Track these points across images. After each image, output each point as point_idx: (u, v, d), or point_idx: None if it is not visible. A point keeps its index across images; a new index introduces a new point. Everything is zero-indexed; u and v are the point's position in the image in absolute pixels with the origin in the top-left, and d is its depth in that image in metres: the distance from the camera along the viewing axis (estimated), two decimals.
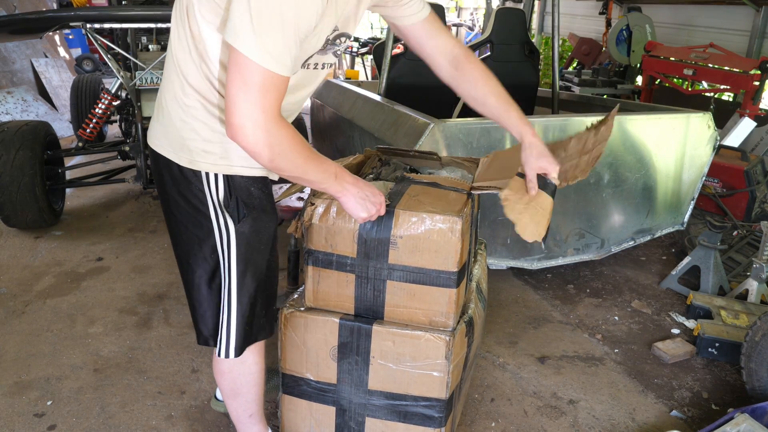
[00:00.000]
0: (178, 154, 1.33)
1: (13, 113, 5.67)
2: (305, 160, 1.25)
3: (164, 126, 1.35)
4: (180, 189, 1.36)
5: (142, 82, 3.55)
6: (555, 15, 3.62)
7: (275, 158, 1.19)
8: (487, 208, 2.68)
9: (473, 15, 12.40)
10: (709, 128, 3.17)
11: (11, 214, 3.37)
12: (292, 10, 1.09)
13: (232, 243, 1.37)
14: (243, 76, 1.11)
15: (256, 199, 1.38)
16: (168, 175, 1.37)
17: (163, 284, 2.95)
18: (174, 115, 1.32)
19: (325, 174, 1.32)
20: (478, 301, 1.85)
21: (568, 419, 2.07)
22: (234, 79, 1.12)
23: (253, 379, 1.58)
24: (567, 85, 6.08)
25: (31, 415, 2.00)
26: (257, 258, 1.42)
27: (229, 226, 1.36)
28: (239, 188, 1.35)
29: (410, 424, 1.64)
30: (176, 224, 1.41)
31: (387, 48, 3.24)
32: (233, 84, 1.12)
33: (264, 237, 1.42)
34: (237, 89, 1.12)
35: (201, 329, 1.48)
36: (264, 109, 1.13)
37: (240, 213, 1.36)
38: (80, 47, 8.80)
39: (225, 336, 1.44)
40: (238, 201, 1.35)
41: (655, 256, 3.49)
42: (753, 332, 2.11)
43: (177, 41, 1.30)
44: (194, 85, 1.28)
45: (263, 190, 1.40)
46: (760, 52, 5.40)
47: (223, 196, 1.34)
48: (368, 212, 1.43)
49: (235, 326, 1.43)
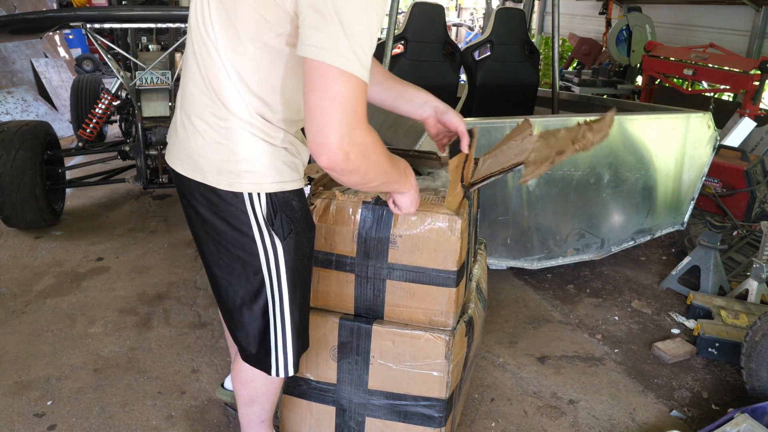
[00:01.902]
0: (216, 178, 1.25)
1: (13, 113, 5.67)
2: (389, 165, 1.21)
3: (194, 149, 1.27)
4: (218, 212, 1.29)
5: (142, 82, 3.54)
6: (555, 15, 3.62)
7: (370, 170, 1.13)
8: (487, 208, 2.68)
9: (473, 15, 12.41)
10: (709, 128, 3.17)
11: (11, 214, 3.37)
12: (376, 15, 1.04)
13: (281, 260, 1.32)
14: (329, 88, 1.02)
15: (298, 212, 1.33)
16: (202, 198, 1.30)
17: (163, 284, 2.95)
18: (207, 138, 1.24)
19: (400, 173, 1.30)
20: (477, 301, 1.85)
21: (568, 419, 2.07)
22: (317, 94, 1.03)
23: (273, 389, 1.56)
24: (567, 85, 6.08)
25: (31, 415, 2.00)
26: (303, 271, 1.39)
27: (276, 243, 1.31)
28: (282, 204, 1.30)
29: (410, 423, 1.64)
30: (215, 246, 1.34)
31: (387, 48, 3.24)
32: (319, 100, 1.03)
33: (308, 250, 1.40)
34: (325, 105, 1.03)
35: (246, 348, 1.43)
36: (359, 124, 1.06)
37: (285, 229, 1.31)
38: (80, 47, 8.79)
39: (282, 354, 1.41)
40: (282, 218, 1.30)
41: (655, 256, 3.49)
42: (753, 332, 2.11)
43: (207, 58, 1.20)
44: (232, 107, 1.20)
45: (302, 202, 1.36)
46: (760, 52, 5.40)
47: (267, 214, 1.28)
48: (414, 206, 1.42)
49: (291, 342, 1.40)
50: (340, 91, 1.02)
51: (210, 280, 1.42)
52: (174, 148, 1.35)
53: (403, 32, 3.41)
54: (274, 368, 1.42)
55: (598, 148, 2.88)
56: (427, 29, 3.45)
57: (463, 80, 4.19)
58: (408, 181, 1.36)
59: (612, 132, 3.09)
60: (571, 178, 2.85)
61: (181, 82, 1.34)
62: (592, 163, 2.88)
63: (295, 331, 1.40)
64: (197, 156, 1.27)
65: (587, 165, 2.87)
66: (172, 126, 1.39)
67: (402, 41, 3.44)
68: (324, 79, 1.02)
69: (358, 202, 1.54)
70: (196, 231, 1.38)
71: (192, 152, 1.28)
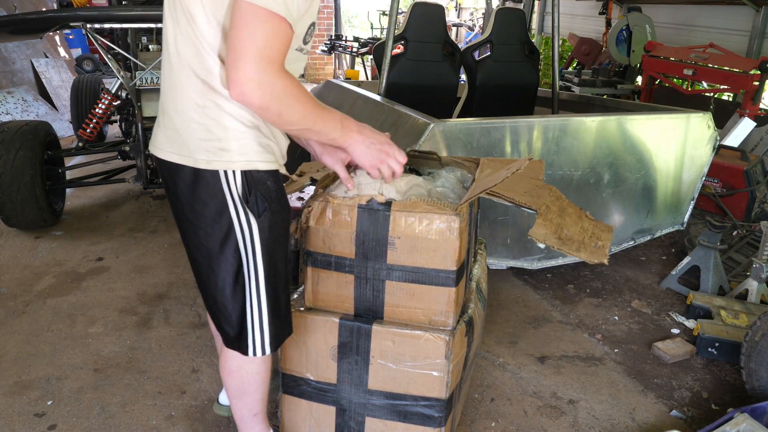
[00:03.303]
0: (194, 158, 1.32)
1: (14, 113, 5.68)
2: (312, 110, 1.28)
3: (174, 132, 1.34)
4: (196, 193, 1.35)
5: (142, 82, 3.55)
6: (555, 15, 3.62)
7: (284, 111, 1.21)
8: (487, 208, 2.68)
9: (473, 15, 12.41)
10: (709, 128, 3.17)
11: (11, 214, 3.38)
12: None
13: (256, 238, 1.38)
14: (252, 27, 1.13)
15: (273, 192, 1.39)
16: (181, 181, 1.36)
17: (163, 284, 2.95)
18: (188, 118, 1.31)
19: (332, 122, 1.36)
20: (477, 301, 1.85)
21: (568, 419, 2.07)
22: (240, 32, 1.13)
23: (261, 379, 1.58)
24: (567, 85, 6.07)
25: (31, 415, 2.00)
26: (279, 250, 1.44)
27: (251, 221, 1.36)
28: (257, 182, 1.36)
29: (410, 423, 1.64)
30: (194, 230, 1.40)
31: (387, 48, 3.24)
32: (239, 38, 1.13)
33: (282, 231, 1.44)
34: (244, 42, 1.13)
35: (227, 331, 1.47)
36: (271, 60, 1.15)
37: (260, 207, 1.37)
38: (80, 47, 8.80)
39: (258, 333, 1.45)
40: (257, 195, 1.36)
41: (655, 256, 3.49)
42: (753, 332, 2.11)
43: (183, 43, 1.28)
44: (209, 83, 1.28)
45: (278, 183, 1.41)
46: (760, 52, 5.39)
47: (242, 191, 1.34)
48: (378, 161, 1.45)
49: (267, 320, 1.44)
50: (261, 30, 1.13)
51: (192, 267, 1.47)
52: (156, 137, 1.42)
53: (403, 32, 3.41)
54: (251, 348, 1.45)
55: (598, 148, 2.88)
56: (427, 29, 3.45)
57: (463, 80, 4.19)
58: (346, 133, 1.40)
59: (612, 132, 3.11)
60: (571, 178, 2.86)
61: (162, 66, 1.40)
62: (592, 163, 2.88)
63: (270, 309, 1.44)
64: (176, 137, 1.34)
65: (587, 165, 2.87)
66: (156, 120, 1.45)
67: (402, 41, 3.44)
68: (247, 18, 1.13)
69: (354, 205, 1.54)
70: (179, 216, 1.43)
71: (172, 134, 1.35)
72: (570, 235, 1.51)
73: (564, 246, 1.45)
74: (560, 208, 1.60)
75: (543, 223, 1.47)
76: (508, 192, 1.52)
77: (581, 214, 1.65)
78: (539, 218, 1.48)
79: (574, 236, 1.51)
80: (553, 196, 1.63)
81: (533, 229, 1.44)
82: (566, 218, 1.57)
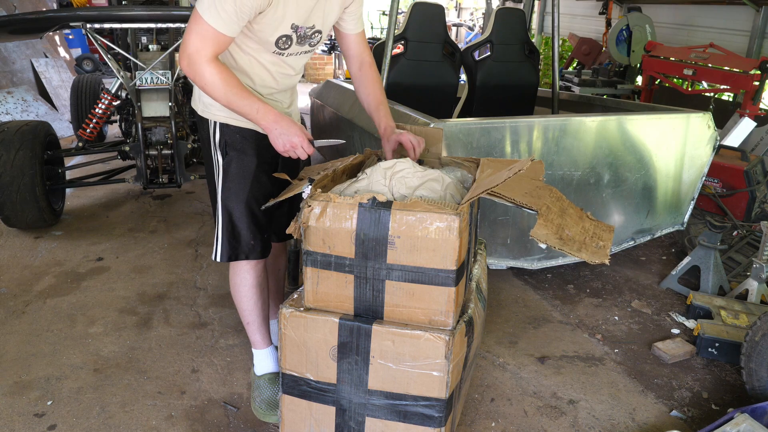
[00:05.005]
0: (200, 107, 1.88)
1: (13, 113, 5.68)
2: (233, 94, 1.65)
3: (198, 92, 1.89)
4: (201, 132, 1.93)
5: (142, 82, 3.55)
6: (555, 15, 3.62)
7: (206, 88, 1.65)
8: (487, 208, 2.69)
9: (473, 15, 12.41)
10: (709, 128, 3.17)
11: (11, 214, 3.37)
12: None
13: (220, 172, 1.88)
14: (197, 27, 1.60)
15: (239, 143, 1.85)
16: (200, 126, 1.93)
17: (163, 284, 2.95)
18: None
19: (248, 108, 1.67)
20: (477, 301, 1.85)
21: (568, 419, 2.07)
22: (191, 27, 1.61)
23: (244, 292, 1.96)
24: (567, 85, 6.08)
25: (31, 415, 2.00)
26: (236, 187, 1.86)
27: (219, 160, 1.87)
28: (228, 134, 1.85)
29: (410, 423, 1.64)
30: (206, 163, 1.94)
31: (387, 48, 3.24)
32: (189, 31, 1.61)
33: (243, 172, 1.86)
34: (190, 34, 1.61)
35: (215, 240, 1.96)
36: (201, 52, 1.60)
37: (228, 150, 1.85)
38: (80, 47, 8.80)
39: (219, 241, 1.91)
40: (226, 143, 1.85)
41: (655, 256, 3.49)
42: (753, 332, 2.11)
43: None
44: None
45: (247, 138, 1.86)
46: (760, 52, 5.40)
47: (219, 138, 1.86)
48: (285, 148, 1.73)
49: (221, 236, 1.90)
50: (196, 30, 1.60)
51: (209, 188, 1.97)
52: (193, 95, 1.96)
53: (403, 32, 3.42)
54: (213, 253, 1.93)
55: (598, 148, 2.88)
56: (427, 29, 3.45)
57: (463, 80, 4.19)
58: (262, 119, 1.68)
59: (612, 132, 3.11)
60: (571, 178, 2.86)
61: None
62: (592, 163, 2.88)
63: (224, 227, 1.89)
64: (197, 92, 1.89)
65: (587, 165, 2.87)
66: None
67: (402, 41, 3.44)
68: (192, 20, 1.62)
69: (355, 204, 1.54)
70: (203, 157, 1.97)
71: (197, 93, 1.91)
72: (571, 236, 1.51)
73: (565, 246, 1.46)
74: (561, 208, 1.60)
75: (544, 224, 1.47)
76: (508, 192, 1.52)
77: (582, 215, 1.65)
78: (540, 219, 1.48)
79: (575, 236, 1.52)
80: (554, 197, 1.63)
81: (534, 230, 1.45)
82: (567, 219, 1.58)
